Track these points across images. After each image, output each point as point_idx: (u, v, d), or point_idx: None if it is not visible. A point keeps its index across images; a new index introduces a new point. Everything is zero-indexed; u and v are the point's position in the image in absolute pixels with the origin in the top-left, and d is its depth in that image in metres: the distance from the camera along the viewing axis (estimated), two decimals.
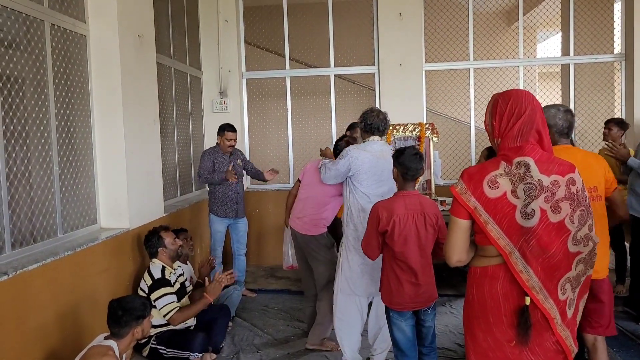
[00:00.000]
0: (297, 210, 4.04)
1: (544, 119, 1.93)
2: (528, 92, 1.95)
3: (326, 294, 3.88)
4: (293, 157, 6.57)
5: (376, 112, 3.56)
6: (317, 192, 3.92)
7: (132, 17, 4.08)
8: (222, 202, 4.95)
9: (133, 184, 4.00)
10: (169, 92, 5.34)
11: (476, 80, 6.39)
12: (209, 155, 4.98)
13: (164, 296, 3.45)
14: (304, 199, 4.00)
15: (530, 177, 1.83)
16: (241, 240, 5.14)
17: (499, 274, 1.87)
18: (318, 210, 3.92)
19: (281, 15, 6.47)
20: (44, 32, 3.36)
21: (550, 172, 1.85)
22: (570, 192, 1.85)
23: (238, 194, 5.05)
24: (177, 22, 5.67)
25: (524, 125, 1.88)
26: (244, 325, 4.46)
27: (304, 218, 3.95)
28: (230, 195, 4.97)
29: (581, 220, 1.84)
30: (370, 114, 3.54)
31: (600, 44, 6.48)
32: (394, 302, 2.88)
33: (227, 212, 4.98)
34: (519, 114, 1.88)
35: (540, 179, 1.83)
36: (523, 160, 1.85)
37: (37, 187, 3.26)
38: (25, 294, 2.83)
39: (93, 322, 3.38)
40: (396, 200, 2.88)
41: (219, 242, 5.01)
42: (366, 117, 3.55)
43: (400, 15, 6.11)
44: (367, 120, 3.54)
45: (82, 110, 3.77)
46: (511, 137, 1.89)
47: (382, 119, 3.54)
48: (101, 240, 3.58)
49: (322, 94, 6.68)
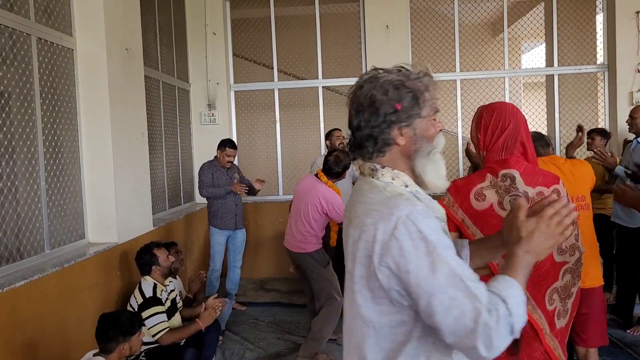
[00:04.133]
0: (289, 228, 4.06)
1: (528, 131, 1.96)
2: (512, 105, 1.99)
3: (325, 309, 3.87)
4: (282, 168, 6.58)
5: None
6: (307, 207, 3.93)
7: (120, 30, 4.08)
8: (221, 214, 4.95)
9: (121, 198, 3.98)
10: (157, 105, 5.33)
11: (463, 91, 6.47)
12: (208, 169, 5.00)
13: (154, 315, 3.41)
14: (295, 216, 4.03)
15: (516, 189, 1.86)
16: (238, 252, 5.14)
17: None
18: (309, 226, 3.92)
19: (269, 28, 6.51)
20: (30, 46, 3.34)
21: (535, 183, 1.88)
22: None
23: (237, 205, 5.06)
24: (165, 35, 5.68)
25: (509, 138, 1.91)
26: (234, 339, 4.43)
27: (295, 236, 3.97)
28: (229, 207, 4.98)
29: None
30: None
31: (583, 55, 6.60)
32: None
33: (227, 223, 4.99)
34: (503, 127, 1.91)
35: (525, 191, 1.86)
36: (509, 172, 1.88)
37: (23, 203, 3.23)
38: (12, 311, 2.79)
39: (81, 338, 3.33)
40: None
41: (219, 255, 4.99)
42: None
43: (387, 28, 6.17)
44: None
45: (69, 124, 3.75)
46: (496, 150, 1.92)
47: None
48: (89, 255, 3.55)
49: (311, 106, 6.71)
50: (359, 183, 1.35)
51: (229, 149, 4.99)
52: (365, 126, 1.26)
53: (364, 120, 1.27)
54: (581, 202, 2.55)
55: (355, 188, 1.36)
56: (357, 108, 1.28)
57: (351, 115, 1.30)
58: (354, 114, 1.29)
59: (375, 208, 1.18)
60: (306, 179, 4.16)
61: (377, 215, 1.16)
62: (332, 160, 3.96)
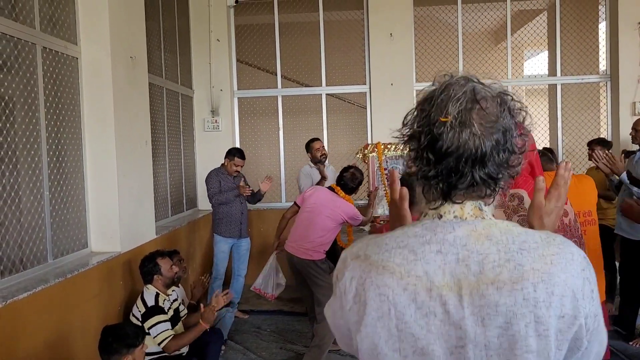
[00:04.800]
0: (298, 235, 4.08)
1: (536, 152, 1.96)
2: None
3: (326, 318, 3.88)
4: (285, 175, 6.57)
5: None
6: (323, 218, 4.02)
7: (125, 38, 4.08)
8: (226, 222, 4.97)
9: (124, 207, 3.97)
10: (160, 112, 5.33)
11: None
12: (215, 176, 5.03)
13: (157, 324, 3.40)
14: (307, 225, 4.06)
15: (524, 209, 1.85)
16: (242, 260, 5.15)
17: None
18: (322, 235, 4.02)
19: (273, 34, 6.52)
20: (35, 55, 3.34)
21: None
22: (563, 224, 1.87)
23: (242, 213, 5.07)
24: (169, 42, 5.68)
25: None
26: (236, 348, 4.42)
27: (305, 244, 4.00)
28: (234, 215, 4.99)
29: None
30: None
31: (585, 64, 6.60)
32: None
33: (232, 232, 5.00)
34: None
35: None
36: (517, 192, 1.88)
37: (27, 213, 3.23)
38: (15, 323, 2.78)
39: (84, 349, 3.32)
40: None
41: (222, 262, 5.01)
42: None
43: (391, 36, 6.17)
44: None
45: (73, 133, 3.75)
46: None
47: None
48: (92, 265, 3.54)
49: (314, 112, 6.71)
50: (461, 231, 0.94)
51: (237, 158, 5.01)
52: (498, 157, 0.93)
53: (499, 148, 0.93)
54: (588, 218, 2.55)
55: (460, 239, 0.93)
56: (490, 130, 0.93)
57: (473, 135, 0.91)
58: (485, 135, 0.91)
59: (545, 253, 0.90)
60: (321, 191, 4.30)
61: (559, 260, 0.90)
62: (348, 177, 4.25)
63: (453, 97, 0.93)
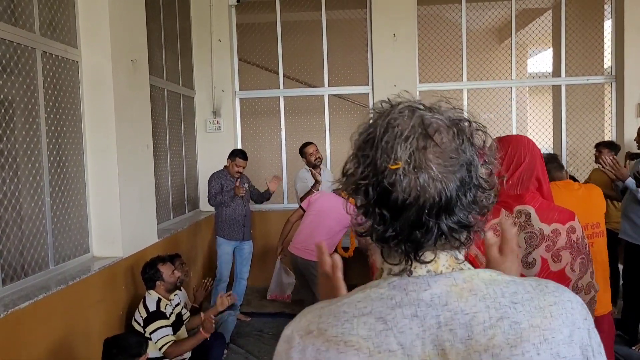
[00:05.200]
0: (303, 236, 4.10)
1: (543, 166, 1.92)
2: (527, 139, 1.95)
3: None
4: (287, 176, 6.54)
5: None
6: (329, 221, 4.04)
7: (125, 42, 4.05)
8: (229, 224, 4.96)
9: (126, 212, 3.95)
10: (161, 113, 5.30)
11: (469, 100, 6.42)
12: (217, 178, 5.01)
13: (159, 329, 3.40)
14: (313, 227, 4.10)
15: (531, 225, 1.82)
16: (245, 263, 5.15)
17: None
18: (327, 237, 4.03)
19: (275, 33, 6.47)
20: (35, 60, 3.31)
21: (550, 220, 1.84)
22: (571, 241, 1.84)
23: (245, 216, 5.06)
24: (170, 42, 5.64)
25: (524, 173, 1.87)
26: (239, 352, 4.41)
27: (310, 245, 4.04)
28: (237, 218, 4.98)
29: (582, 269, 1.83)
30: None
31: (590, 65, 6.55)
32: None
33: (234, 234, 4.99)
34: (519, 162, 1.87)
35: (541, 228, 1.82)
36: (524, 209, 1.85)
37: (28, 220, 3.21)
38: (17, 332, 2.76)
39: (87, 356, 3.31)
40: None
41: (226, 265, 5.00)
42: None
43: (394, 36, 6.13)
44: None
45: (74, 137, 3.72)
46: (511, 185, 1.88)
47: None
48: (94, 271, 3.52)
49: (316, 112, 6.67)
50: (438, 288, 0.79)
51: (239, 159, 4.99)
52: (465, 198, 0.78)
53: (465, 188, 0.78)
54: (596, 230, 2.51)
55: (437, 298, 0.79)
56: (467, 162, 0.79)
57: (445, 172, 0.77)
58: (446, 176, 0.76)
59: (542, 304, 0.78)
60: (328, 195, 4.29)
61: (558, 311, 0.78)
62: None
63: (400, 137, 0.76)
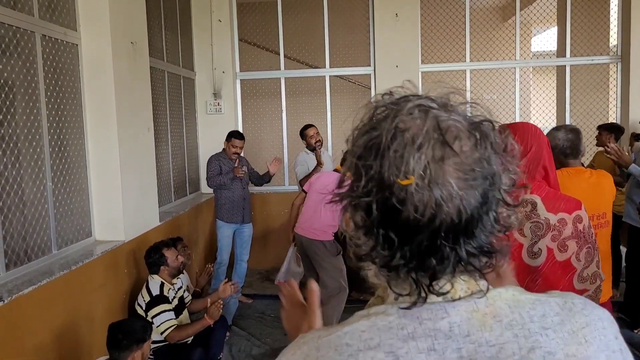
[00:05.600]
0: (306, 217, 4.13)
1: (550, 154, 1.90)
2: (535, 127, 1.92)
3: (332, 300, 3.93)
4: (288, 158, 6.51)
5: None
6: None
7: (125, 24, 3.99)
8: (228, 207, 4.93)
9: (128, 195, 3.94)
10: (162, 96, 5.25)
11: (472, 81, 6.36)
12: (215, 160, 4.97)
13: (161, 313, 3.42)
14: (315, 208, 4.10)
15: (537, 215, 1.80)
16: (245, 245, 5.13)
17: None
18: (330, 217, 4.02)
19: (275, 12, 6.38)
20: (35, 43, 3.27)
21: (557, 209, 1.82)
22: (577, 230, 1.82)
23: (244, 199, 5.03)
24: (170, 23, 5.57)
25: (531, 162, 1.85)
26: (241, 334, 4.44)
27: (314, 224, 4.06)
28: (237, 201, 4.95)
29: (587, 258, 1.82)
30: None
31: (595, 44, 6.46)
32: None
33: (234, 217, 4.96)
34: (525, 151, 1.85)
35: (547, 217, 1.80)
36: (530, 198, 1.83)
37: (30, 205, 3.20)
38: (21, 317, 2.78)
39: (91, 340, 3.34)
40: None
41: (226, 248, 4.99)
42: None
43: (397, 16, 6.04)
44: None
45: (75, 121, 3.70)
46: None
47: None
48: (96, 256, 3.52)
49: (317, 93, 6.62)
50: (456, 318, 0.68)
51: (235, 139, 4.94)
52: (488, 217, 0.67)
53: (487, 205, 0.67)
54: (601, 220, 2.50)
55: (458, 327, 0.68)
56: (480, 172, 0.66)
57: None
58: (467, 192, 0.64)
59: (574, 327, 0.69)
60: (326, 175, 4.30)
61: (592, 334, 0.69)
62: None
63: (412, 145, 0.63)
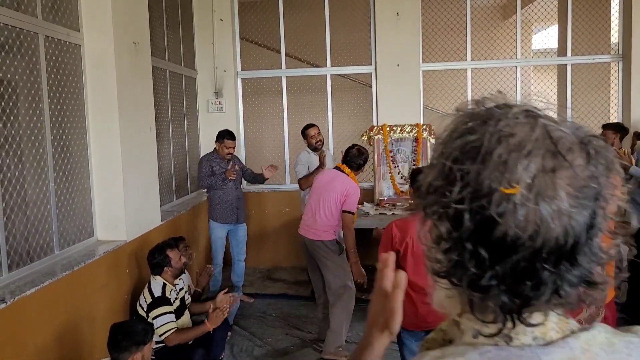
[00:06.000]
0: (307, 216, 4.13)
1: None
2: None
3: (339, 301, 3.93)
4: (289, 157, 6.52)
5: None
6: (325, 200, 4.00)
7: (127, 24, 3.99)
8: (222, 207, 4.89)
9: (130, 195, 3.95)
10: (163, 95, 5.26)
11: (474, 80, 6.35)
12: (207, 161, 4.94)
13: (162, 315, 3.42)
14: (314, 207, 4.08)
15: None
16: (240, 246, 5.10)
17: None
18: (328, 216, 4.00)
19: (277, 10, 6.37)
20: (38, 45, 3.27)
21: None
22: None
23: (238, 199, 5.00)
24: (172, 22, 5.56)
25: None
26: (242, 334, 4.46)
27: (314, 225, 4.04)
28: (230, 201, 4.91)
29: None
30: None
31: (597, 43, 6.46)
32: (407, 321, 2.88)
33: (228, 217, 4.92)
34: None
35: None
36: None
37: (32, 205, 3.21)
38: (24, 318, 2.79)
39: (92, 340, 3.35)
40: (411, 220, 2.85)
41: (220, 249, 4.96)
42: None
43: (398, 15, 6.03)
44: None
45: (78, 122, 3.71)
46: None
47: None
48: (99, 256, 3.54)
49: (319, 92, 6.61)
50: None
51: (227, 140, 4.89)
52: (592, 242, 0.61)
53: (594, 228, 0.61)
54: None
55: None
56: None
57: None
58: (577, 211, 0.58)
59: None
60: (324, 174, 4.30)
61: None
62: (354, 154, 4.13)
63: (520, 151, 0.57)
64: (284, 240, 6.26)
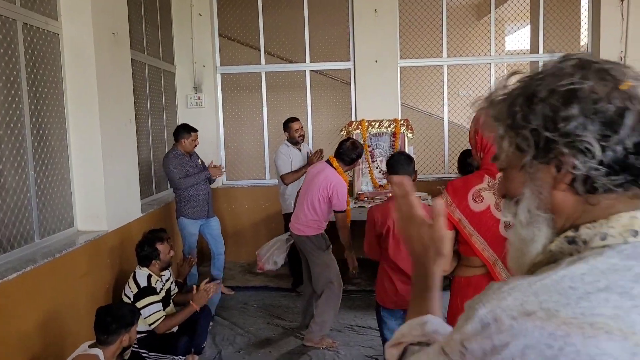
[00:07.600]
0: (295, 212, 4.14)
1: None
2: None
3: (325, 292, 3.95)
4: (269, 152, 6.56)
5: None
6: (310, 195, 3.99)
7: (107, 14, 3.99)
8: (194, 203, 4.80)
9: (110, 186, 3.94)
10: (142, 89, 5.25)
11: (449, 76, 6.49)
12: (173, 160, 4.74)
13: (149, 305, 3.43)
14: (300, 202, 4.09)
15: None
16: (217, 239, 5.06)
17: (483, 283, 1.94)
18: (311, 211, 3.98)
19: (256, 8, 6.41)
20: (16, 32, 3.26)
21: None
22: None
23: (208, 193, 4.93)
24: (150, 17, 5.56)
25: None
26: (224, 324, 4.48)
27: (298, 220, 4.05)
28: (202, 196, 4.84)
29: None
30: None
31: (567, 42, 6.66)
32: (387, 300, 2.96)
33: (200, 212, 4.85)
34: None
35: None
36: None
37: (12, 193, 3.19)
38: (6, 304, 2.78)
39: (75, 328, 3.34)
40: (391, 204, 2.93)
41: (193, 245, 4.88)
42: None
43: (376, 12, 6.13)
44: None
45: (57, 111, 3.69)
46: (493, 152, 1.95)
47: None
48: (79, 245, 3.53)
49: (298, 88, 6.67)
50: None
51: (193, 132, 4.81)
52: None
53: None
54: None
55: None
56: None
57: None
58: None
59: None
60: (316, 165, 4.22)
61: None
62: (348, 147, 3.96)
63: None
64: (263, 234, 6.27)
